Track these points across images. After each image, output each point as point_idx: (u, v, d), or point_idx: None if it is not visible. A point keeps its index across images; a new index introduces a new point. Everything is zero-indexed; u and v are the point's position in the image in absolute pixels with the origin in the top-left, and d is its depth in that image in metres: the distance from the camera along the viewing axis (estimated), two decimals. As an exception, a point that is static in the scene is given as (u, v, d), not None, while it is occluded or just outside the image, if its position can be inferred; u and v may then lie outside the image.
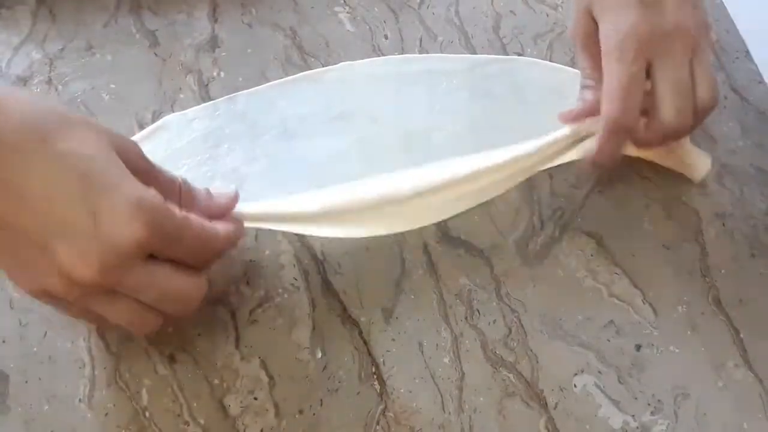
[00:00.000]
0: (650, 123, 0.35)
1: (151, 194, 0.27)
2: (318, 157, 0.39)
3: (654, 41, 0.33)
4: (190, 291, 0.30)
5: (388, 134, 0.39)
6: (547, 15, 0.46)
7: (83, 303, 0.28)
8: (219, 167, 0.38)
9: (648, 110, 0.35)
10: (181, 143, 0.39)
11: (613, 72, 0.34)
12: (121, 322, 0.30)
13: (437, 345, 0.34)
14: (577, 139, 0.37)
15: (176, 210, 0.28)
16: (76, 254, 0.26)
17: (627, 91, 0.33)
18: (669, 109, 0.34)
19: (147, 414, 0.32)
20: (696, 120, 0.35)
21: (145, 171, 0.29)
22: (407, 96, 0.41)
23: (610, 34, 0.34)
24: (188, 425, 0.32)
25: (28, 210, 0.26)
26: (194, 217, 0.30)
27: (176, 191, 0.31)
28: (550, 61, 0.44)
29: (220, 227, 0.31)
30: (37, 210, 0.26)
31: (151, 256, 0.28)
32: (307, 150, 0.39)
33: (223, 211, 0.32)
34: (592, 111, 0.35)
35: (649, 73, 0.34)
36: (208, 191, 0.32)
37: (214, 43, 0.44)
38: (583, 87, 0.37)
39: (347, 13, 0.46)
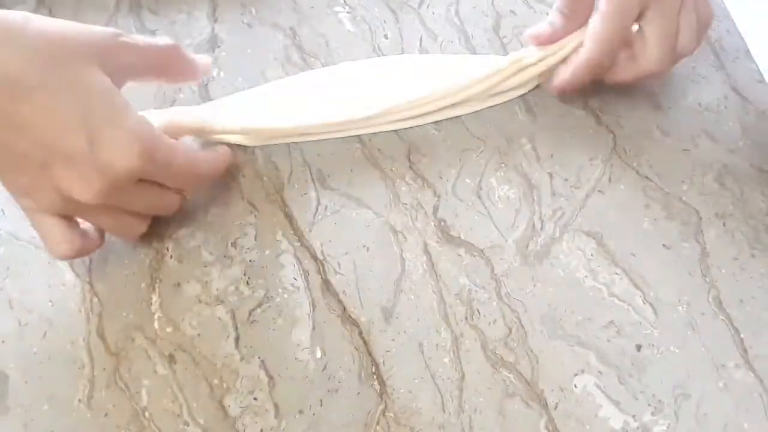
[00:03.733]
0: (629, 63, 0.38)
1: (145, 126, 0.31)
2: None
3: None
4: (171, 202, 0.35)
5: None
6: (548, 15, 0.46)
7: (76, 215, 0.32)
8: None
9: (628, 48, 0.38)
10: None
11: (606, 21, 0.37)
12: (109, 230, 0.34)
13: (437, 345, 0.34)
14: (522, 66, 0.40)
15: (167, 139, 0.32)
16: (76, 177, 0.29)
17: (613, 41, 0.37)
18: (654, 55, 0.37)
19: (146, 414, 0.32)
20: (672, 64, 0.38)
21: (134, 64, 0.33)
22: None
23: None
24: (188, 425, 0.32)
25: (30, 137, 0.28)
26: (182, 146, 0.33)
27: (171, 57, 0.34)
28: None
29: (204, 155, 0.36)
30: (39, 137, 0.28)
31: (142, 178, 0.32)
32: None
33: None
34: (559, 38, 0.39)
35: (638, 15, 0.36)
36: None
37: (213, 42, 0.44)
38: (557, 11, 0.39)
39: (347, 13, 0.46)
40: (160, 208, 0.35)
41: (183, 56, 0.35)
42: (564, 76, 0.39)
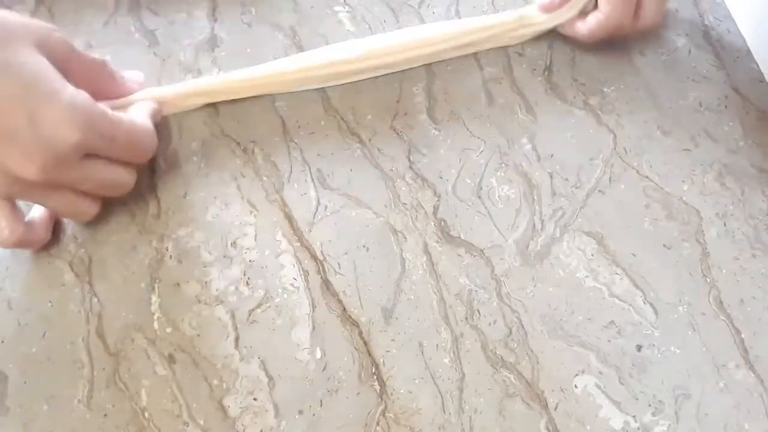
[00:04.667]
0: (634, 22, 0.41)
1: (83, 98, 0.31)
2: None
3: None
4: (122, 180, 0.35)
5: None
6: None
7: (23, 197, 0.32)
8: None
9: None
10: None
11: None
12: (60, 211, 0.34)
13: (437, 345, 0.34)
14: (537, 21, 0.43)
15: (108, 111, 0.32)
16: (19, 155, 0.29)
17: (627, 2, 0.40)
18: (653, 10, 0.40)
19: (146, 415, 0.32)
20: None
21: (68, 58, 0.32)
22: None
23: None
24: (187, 426, 0.32)
25: None
26: (125, 117, 0.33)
27: (100, 72, 0.35)
28: (551, 61, 0.44)
29: (144, 124, 0.35)
30: None
31: (89, 154, 0.32)
32: None
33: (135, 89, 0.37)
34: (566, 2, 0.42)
35: None
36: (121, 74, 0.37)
37: (213, 42, 0.44)
38: None
39: (347, 12, 0.46)
40: (111, 186, 0.34)
41: (109, 73, 0.36)
42: (581, 32, 0.42)
